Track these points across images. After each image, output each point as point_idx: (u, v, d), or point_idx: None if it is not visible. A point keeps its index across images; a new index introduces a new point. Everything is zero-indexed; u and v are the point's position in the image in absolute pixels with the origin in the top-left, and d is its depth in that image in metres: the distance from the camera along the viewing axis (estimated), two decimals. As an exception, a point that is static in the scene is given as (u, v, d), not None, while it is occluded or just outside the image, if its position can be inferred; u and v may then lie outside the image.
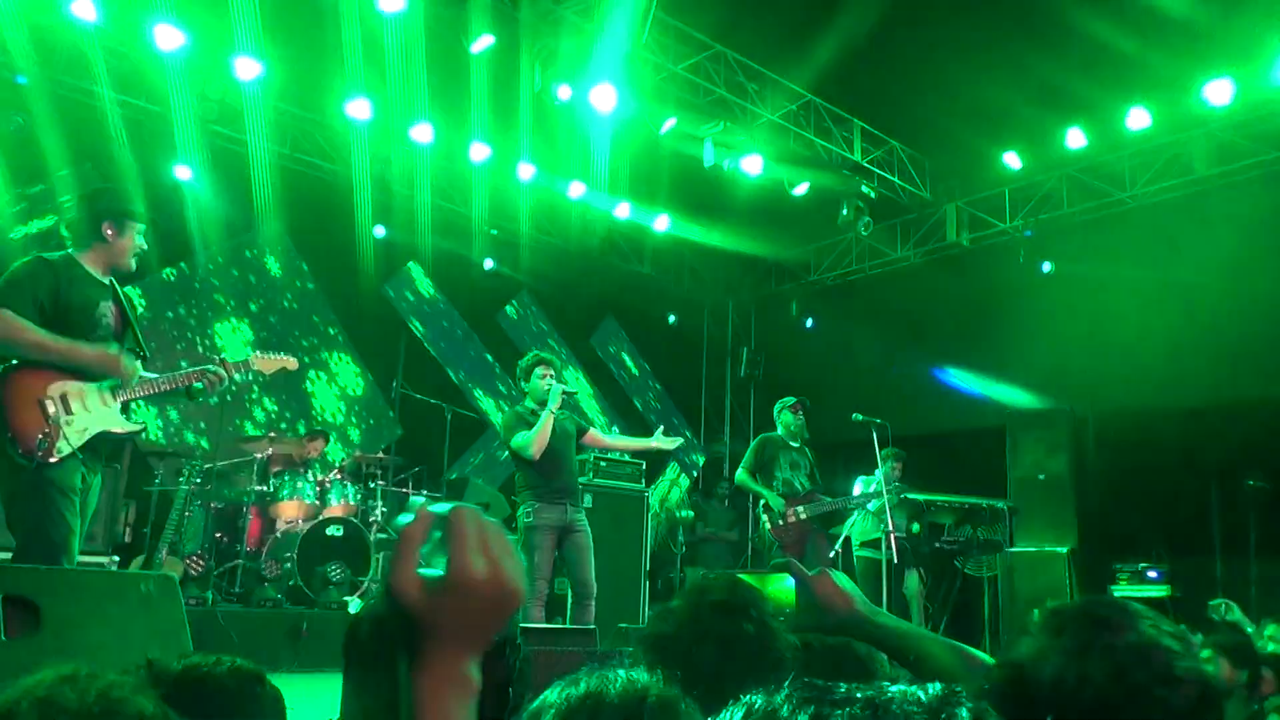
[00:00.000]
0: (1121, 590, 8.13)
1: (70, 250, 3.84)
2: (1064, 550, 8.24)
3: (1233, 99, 7.87)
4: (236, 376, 4.07)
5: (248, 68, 7.60)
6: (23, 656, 2.39)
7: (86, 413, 3.61)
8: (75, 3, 6.89)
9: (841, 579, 1.61)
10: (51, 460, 3.45)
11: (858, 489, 7.47)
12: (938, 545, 8.06)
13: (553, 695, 1.06)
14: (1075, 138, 8.87)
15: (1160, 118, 8.42)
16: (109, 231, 3.84)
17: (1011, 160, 9.44)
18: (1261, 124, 8.23)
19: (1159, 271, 8.71)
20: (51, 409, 3.52)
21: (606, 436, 6.17)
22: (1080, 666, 1.12)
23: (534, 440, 5.42)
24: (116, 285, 3.95)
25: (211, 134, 8.47)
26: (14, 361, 3.55)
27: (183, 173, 8.42)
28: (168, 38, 7.17)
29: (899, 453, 7.71)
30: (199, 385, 3.96)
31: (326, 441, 8.04)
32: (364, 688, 1.43)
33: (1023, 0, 7.38)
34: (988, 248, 10.40)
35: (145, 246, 3.99)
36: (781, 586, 1.69)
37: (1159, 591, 8.04)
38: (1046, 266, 9.77)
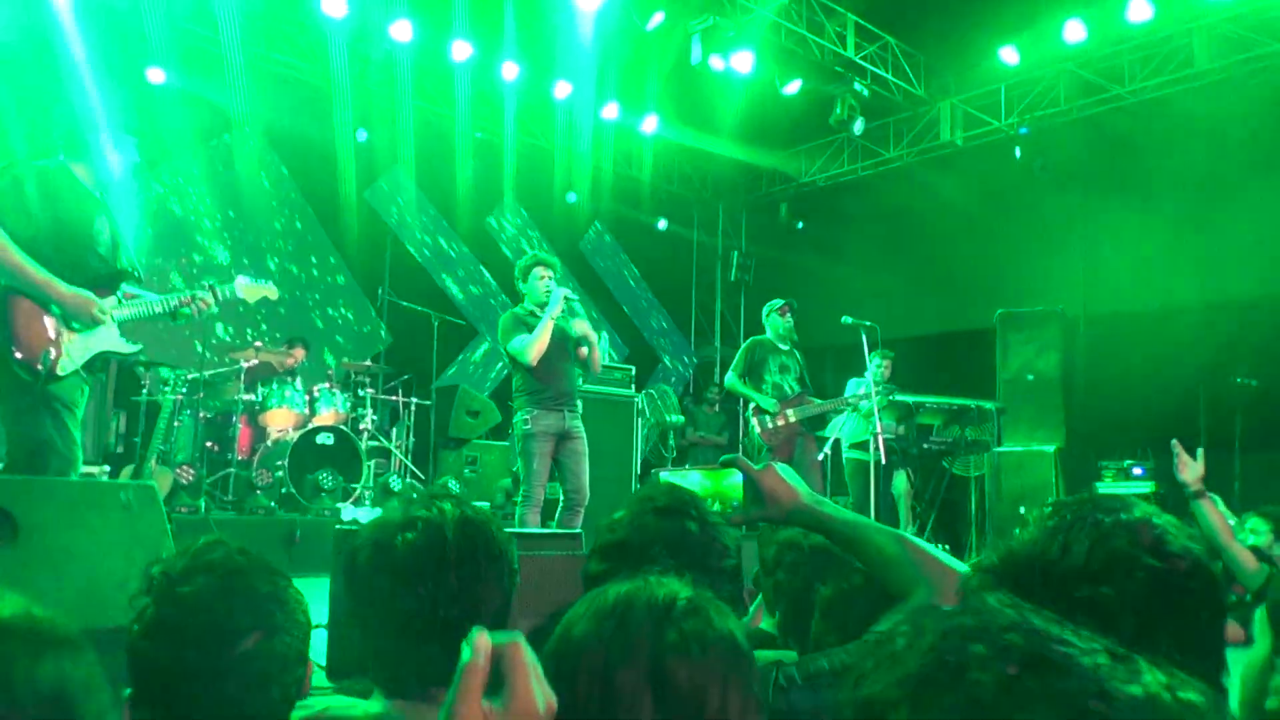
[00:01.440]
0: (1107, 487, 8.24)
1: (63, 159, 3.71)
2: (1051, 449, 8.31)
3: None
4: (222, 297, 4.03)
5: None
6: (3, 566, 2.38)
7: (88, 330, 3.57)
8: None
9: (786, 471, 1.67)
10: (58, 375, 3.45)
11: (849, 391, 7.48)
12: (926, 445, 8.12)
13: (580, 607, 1.07)
14: (1074, 30, 8.61)
15: (1161, 8, 8.16)
16: (107, 148, 3.74)
17: (1009, 55, 9.18)
18: (1263, 14, 7.99)
19: (1153, 171, 8.56)
20: (55, 326, 3.48)
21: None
22: (1065, 538, 1.11)
23: (533, 345, 5.24)
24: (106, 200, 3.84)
25: (184, 33, 8.18)
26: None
27: (156, 75, 8.17)
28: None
29: (888, 353, 7.70)
30: (186, 310, 3.90)
31: (306, 350, 7.98)
32: (361, 609, 1.47)
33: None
34: (982, 146, 10.21)
35: (138, 159, 3.89)
36: (731, 482, 1.73)
37: (1144, 487, 8.14)
38: (1039, 165, 9.61)
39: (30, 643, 0.98)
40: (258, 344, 7.56)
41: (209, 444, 7.09)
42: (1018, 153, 9.64)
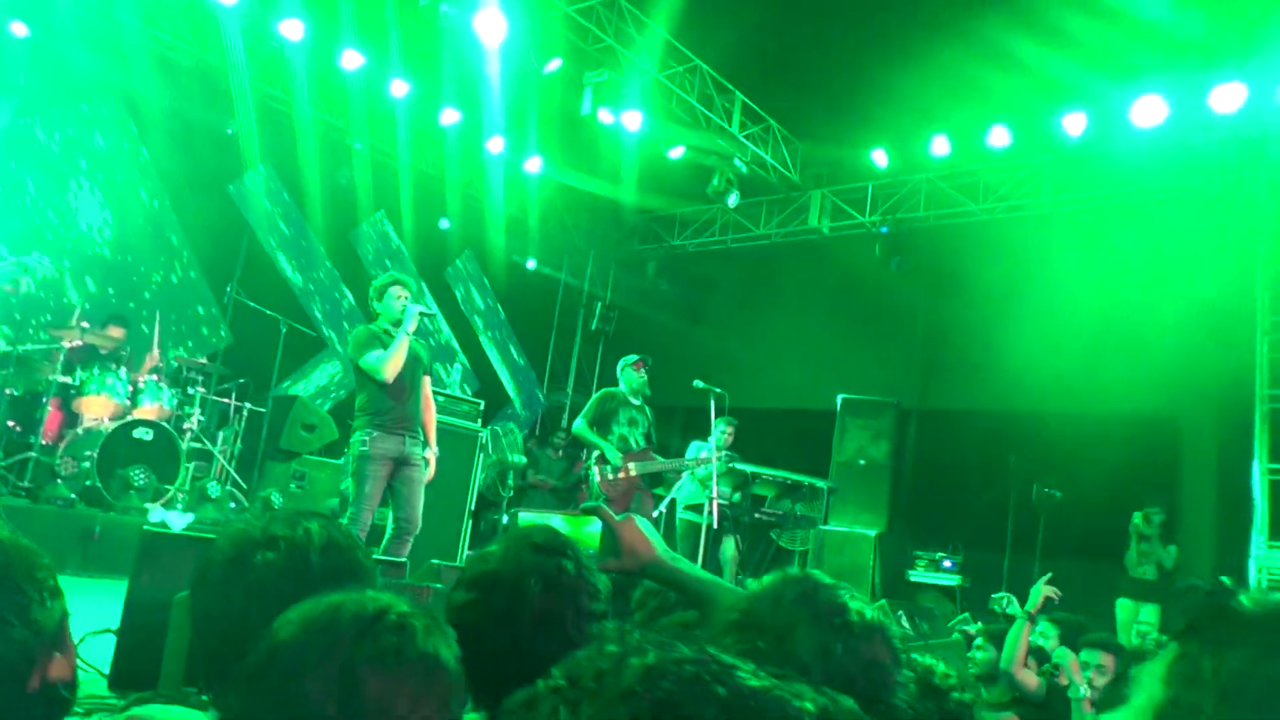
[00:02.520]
0: (917, 575, 8.67)
1: None
2: (873, 533, 8.68)
3: (1084, 132, 8.36)
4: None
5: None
6: None
7: None
8: None
9: (645, 525, 1.69)
10: None
11: (691, 453, 7.61)
12: (757, 515, 8.34)
13: (293, 613, 1.08)
14: (940, 145, 9.23)
15: (1019, 139, 8.87)
16: None
17: (879, 158, 9.74)
18: (1109, 159, 8.78)
19: (997, 283, 9.19)
20: None
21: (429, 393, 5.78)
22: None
23: (388, 362, 5.09)
24: None
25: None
26: None
27: (19, 29, 7.67)
28: None
29: (732, 420, 7.90)
30: None
31: (125, 330, 7.44)
32: (208, 621, 1.43)
33: (918, 9, 7.58)
34: (845, 238, 10.72)
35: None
36: (590, 530, 1.74)
37: (951, 580, 8.61)
38: (895, 264, 10.17)
39: None
40: (83, 323, 7.04)
41: (10, 423, 6.54)
42: (877, 250, 10.17)
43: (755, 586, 1.36)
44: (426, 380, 5.57)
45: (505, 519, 9.05)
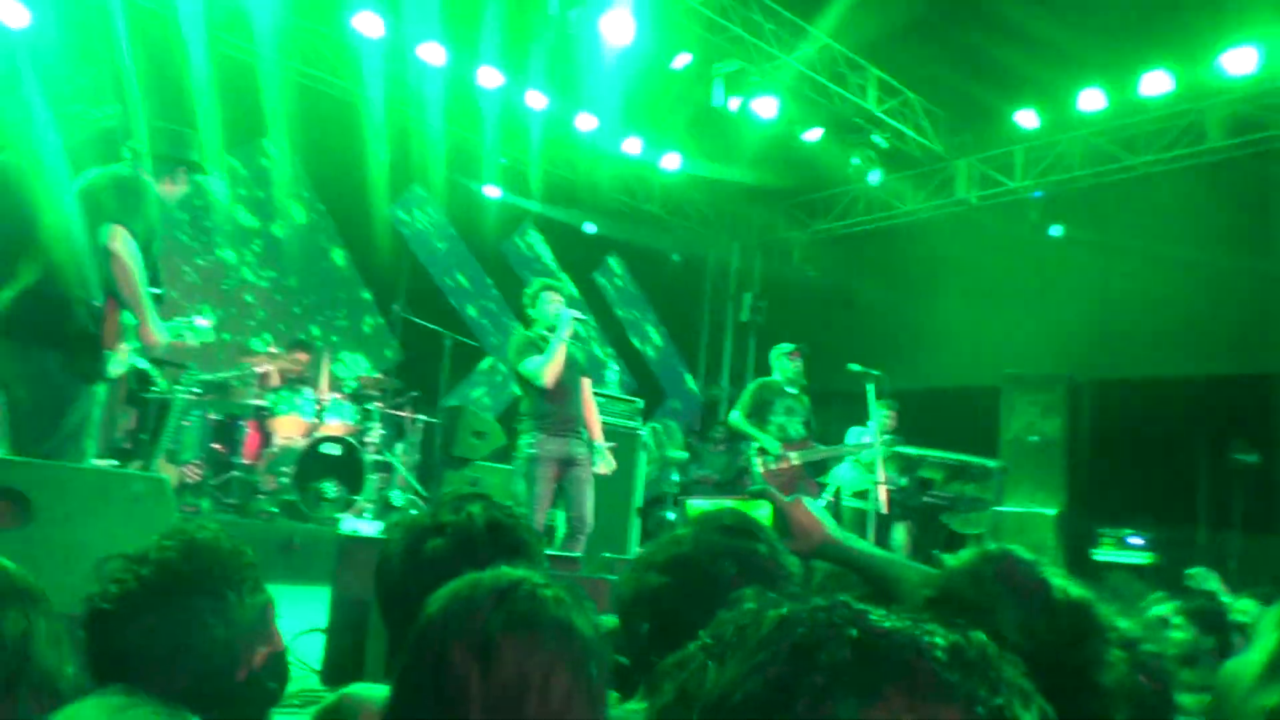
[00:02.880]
0: (1104, 554, 8.25)
1: (153, 180, 3.87)
2: (1051, 512, 8.33)
3: (1257, 69, 7.74)
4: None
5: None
6: (14, 547, 2.42)
7: (134, 344, 3.84)
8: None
9: (814, 506, 1.69)
10: (108, 377, 3.72)
11: (850, 439, 7.52)
12: (926, 499, 8.14)
13: (442, 589, 1.19)
14: (1092, 99, 8.74)
15: (1179, 84, 8.29)
16: (180, 177, 3.90)
17: (1026, 119, 9.31)
18: (1275, 97, 8.11)
19: (1165, 241, 8.64)
20: (122, 334, 3.74)
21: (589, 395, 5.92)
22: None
23: (547, 367, 5.21)
24: None
25: (219, 40, 8.33)
26: None
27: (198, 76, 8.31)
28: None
29: (893, 404, 7.74)
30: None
31: (310, 354, 7.97)
32: (391, 610, 1.54)
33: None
34: (996, 206, 10.32)
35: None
36: (760, 515, 1.75)
37: (1141, 558, 8.14)
38: (1056, 230, 9.70)
39: None
40: (272, 349, 7.63)
41: (215, 445, 7.13)
42: (1033, 216, 9.72)
43: (952, 563, 1.35)
44: (586, 382, 5.70)
45: (673, 515, 9.17)
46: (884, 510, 6.45)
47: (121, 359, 3.72)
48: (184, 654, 1.40)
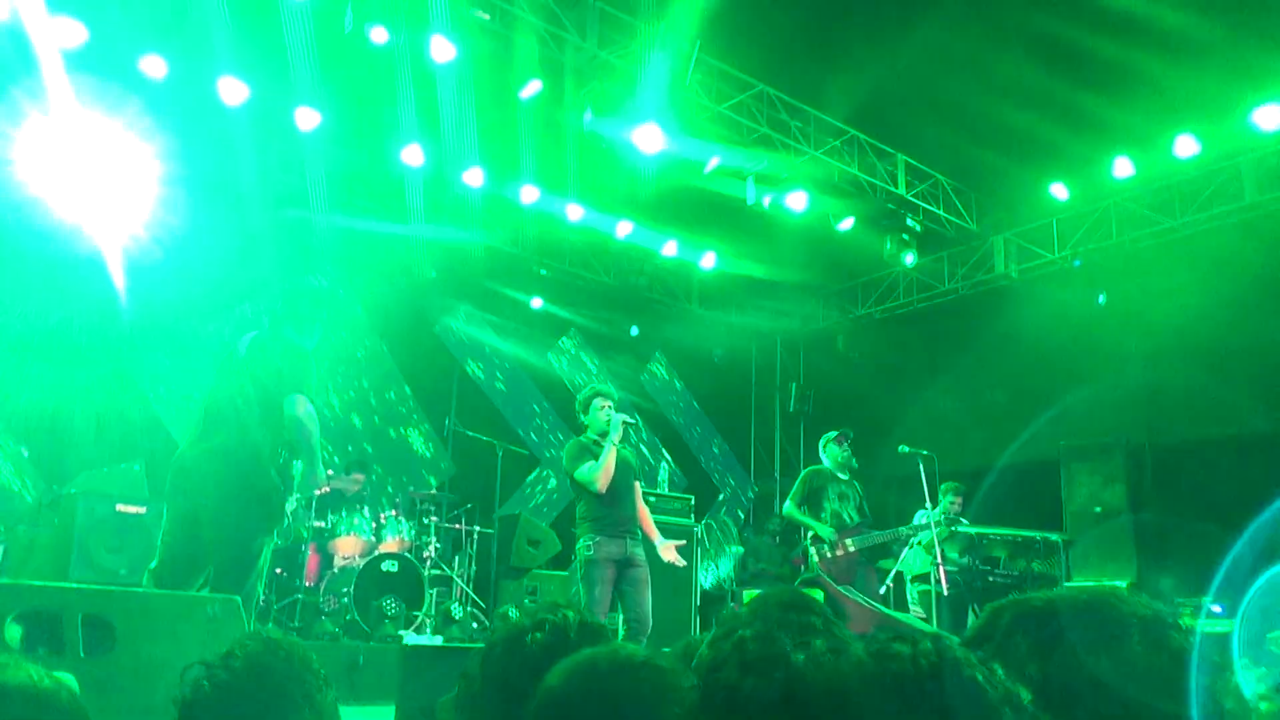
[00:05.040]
0: (1184, 624, 7.93)
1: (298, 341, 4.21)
2: (1124, 584, 8.07)
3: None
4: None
5: (308, 118, 7.91)
6: (98, 673, 2.53)
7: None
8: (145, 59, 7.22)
9: (863, 595, 1.75)
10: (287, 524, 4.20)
11: (917, 521, 7.42)
12: (992, 579, 7.96)
13: (558, 666, 1.34)
14: (1122, 166, 8.83)
15: (1211, 143, 8.36)
16: (314, 329, 4.31)
17: (1058, 191, 9.42)
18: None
19: (1213, 298, 8.57)
20: None
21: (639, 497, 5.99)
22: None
23: (600, 472, 5.34)
24: None
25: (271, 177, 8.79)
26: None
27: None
28: (233, 91, 7.49)
29: (959, 486, 7.65)
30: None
31: (365, 473, 8.18)
32: (490, 691, 1.69)
33: (1062, 32, 7.40)
34: (1037, 278, 10.33)
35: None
36: None
37: (1224, 626, 7.83)
38: (1100, 298, 9.68)
39: (31, 708, 1.14)
40: (329, 471, 7.79)
41: (278, 570, 7.26)
42: (1077, 288, 9.72)
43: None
44: (636, 484, 5.79)
45: (731, 609, 9.05)
46: (944, 590, 6.33)
47: (292, 506, 3.99)
48: None
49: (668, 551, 5.68)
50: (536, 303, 10.82)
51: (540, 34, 7.33)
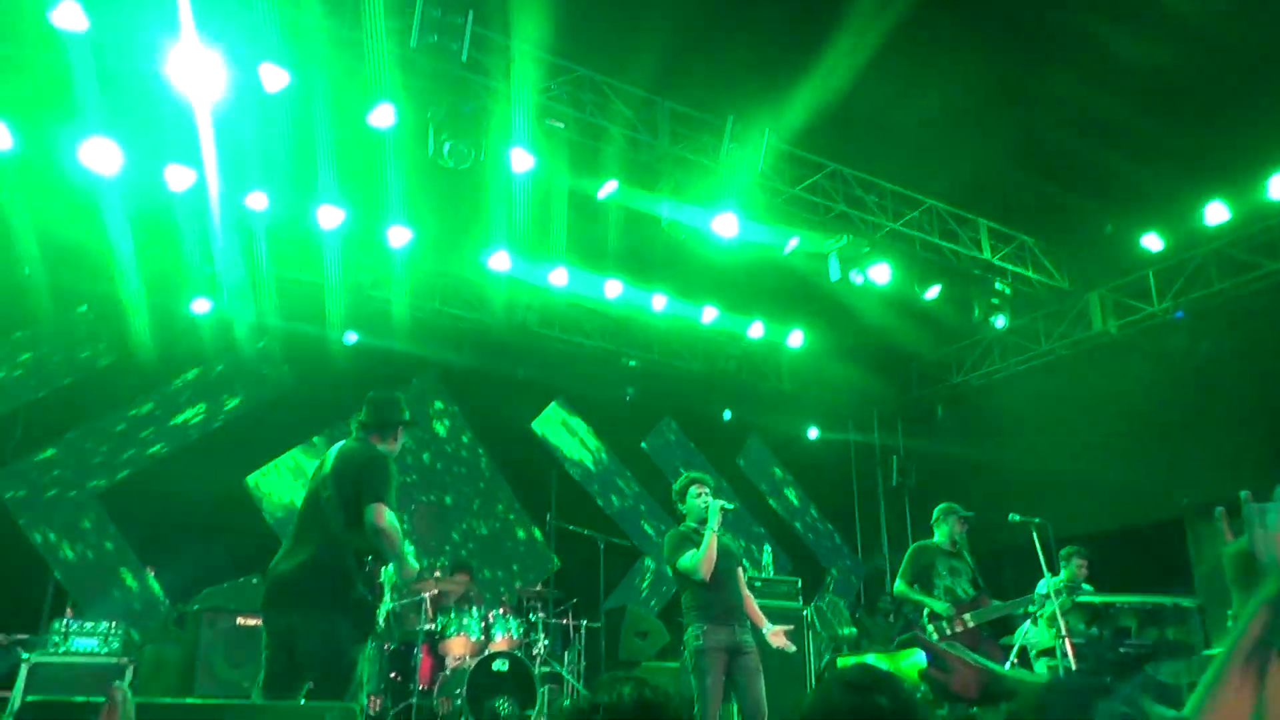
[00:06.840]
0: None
1: (381, 448, 4.38)
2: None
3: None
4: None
5: (400, 235, 8.33)
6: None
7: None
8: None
9: (964, 651, 1.69)
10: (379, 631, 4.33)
11: (1040, 590, 7.13)
12: (1123, 650, 7.54)
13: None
14: (1216, 212, 8.59)
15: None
16: (398, 435, 4.45)
17: (1151, 242, 9.19)
18: None
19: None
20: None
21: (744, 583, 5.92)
22: None
23: (702, 560, 5.28)
24: None
25: (366, 298, 9.21)
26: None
27: (349, 336, 9.21)
28: (329, 216, 7.96)
29: (1081, 549, 7.35)
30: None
31: (469, 576, 8.28)
32: None
33: (1148, 77, 7.28)
34: (1138, 332, 10.02)
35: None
36: (910, 663, 1.78)
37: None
38: (1206, 347, 9.32)
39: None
40: (436, 574, 7.95)
41: (393, 674, 7.36)
42: (1180, 338, 9.39)
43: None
44: (740, 570, 5.72)
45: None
46: (1074, 666, 6.03)
47: (393, 607, 4.13)
48: None
49: (777, 637, 5.57)
50: (628, 394, 10.94)
51: (615, 136, 7.60)
